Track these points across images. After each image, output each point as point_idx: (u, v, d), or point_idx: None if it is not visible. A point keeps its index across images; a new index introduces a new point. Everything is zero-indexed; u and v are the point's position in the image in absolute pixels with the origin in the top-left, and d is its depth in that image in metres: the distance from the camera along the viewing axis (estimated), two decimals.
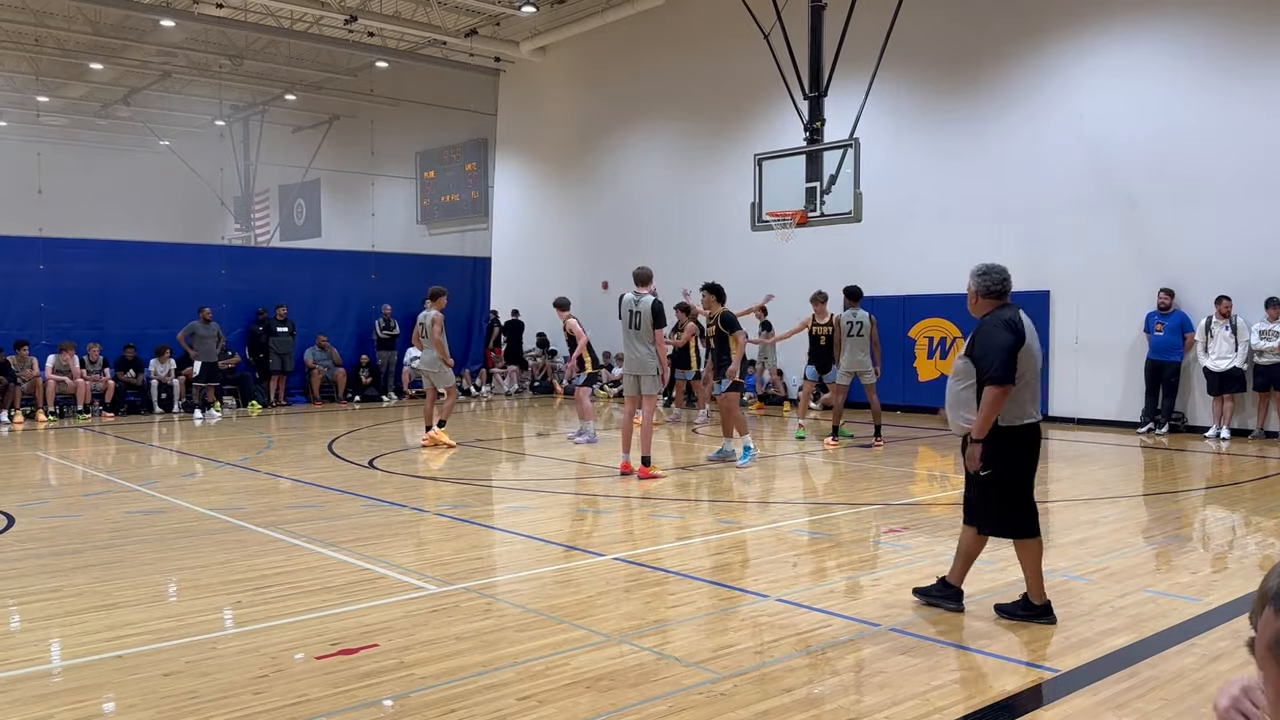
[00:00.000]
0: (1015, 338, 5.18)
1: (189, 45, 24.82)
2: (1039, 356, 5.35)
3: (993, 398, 5.14)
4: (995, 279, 5.40)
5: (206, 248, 22.13)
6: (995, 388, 5.13)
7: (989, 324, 5.31)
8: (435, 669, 4.61)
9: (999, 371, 5.12)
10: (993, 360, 5.15)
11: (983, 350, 5.23)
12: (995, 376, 5.13)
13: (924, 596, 5.62)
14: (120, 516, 8.46)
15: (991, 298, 5.41)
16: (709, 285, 11.50)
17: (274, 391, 19.89)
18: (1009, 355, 5.14)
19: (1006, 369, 5.12)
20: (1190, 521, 8.46)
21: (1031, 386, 5.29)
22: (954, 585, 5.55)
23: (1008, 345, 5.15)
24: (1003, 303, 5.41)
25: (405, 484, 10.24)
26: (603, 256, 22.21)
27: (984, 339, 5.27)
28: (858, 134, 13.12)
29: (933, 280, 16.65)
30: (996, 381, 5.13)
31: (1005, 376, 5.12)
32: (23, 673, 4.64)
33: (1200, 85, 13.75)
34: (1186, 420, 13.98)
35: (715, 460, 11.42)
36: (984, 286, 5.42)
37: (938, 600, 5.55)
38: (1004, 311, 5.35)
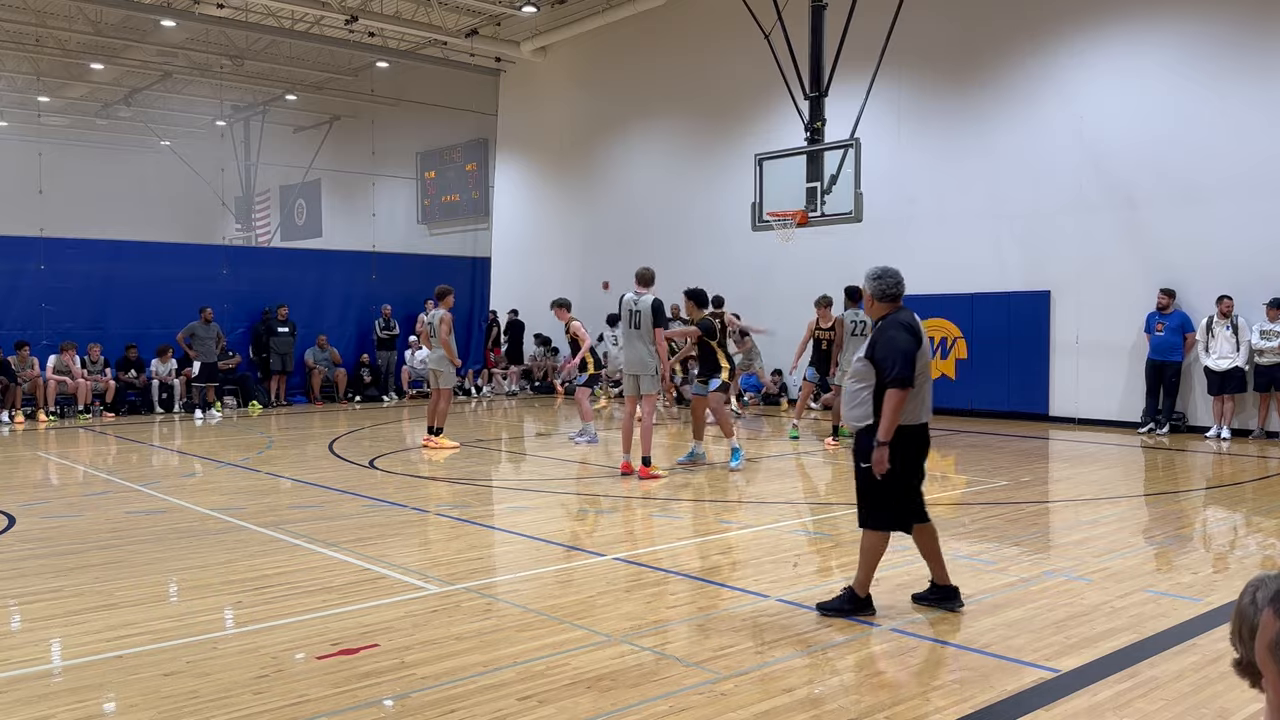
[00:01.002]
0: (914, 340, 5.31)
1: (190, 45, 24.83)
2: (930, 359, 5.52)
3: (897, 400, 5.23)
4: (890, 282, 5.53)
5: (207, 248, 22.15)
6: (898, 390, 5.22)
7: (888, 326, 5.42)
8: (436, 669, 4.62)
9: (902, 373, 5.22)
10: (894, 362, 5.23)
11: (884, 353, 5.32)
12: (898, 379, 5.22)
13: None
14: (121, 516, 8.47)
15: (887, 301, 5.53)
16: (689, 291, 11.50)
17: (275, 391, 19.89)
18: (909, 357, 5.25)
19: (908, 371, 5.23)
20: (1191, 522, 8.46)
21: (926, 388, 5.43)
22: (943, 584, 5.58)
23: (908, 347, 5.27)
24: (897, 306, 5.54)
25: (406, 484, 10.25)
26: (603, 256, 22.22)
27: (884, 342, 5.36)
28: (858, 134, 13.12)
29: (933, 280, 16.63)
30: (899, 383, 5.22)
31: (908, 379, 5.23)
32: (23, 673, 4.64)
33: (1200, 85, 13.75)
34: (1187, 420, 13.97)
35: (685, 463, 11.35)
36: (879, 290, 5.53)
37: (936, 603, 5.57)
38: (901, 314, 5.47)
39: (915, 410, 5.35)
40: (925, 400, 5.45)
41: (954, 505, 8.98)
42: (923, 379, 5.38)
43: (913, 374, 5.25)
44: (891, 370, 5.23)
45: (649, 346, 10.23)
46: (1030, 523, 8.12)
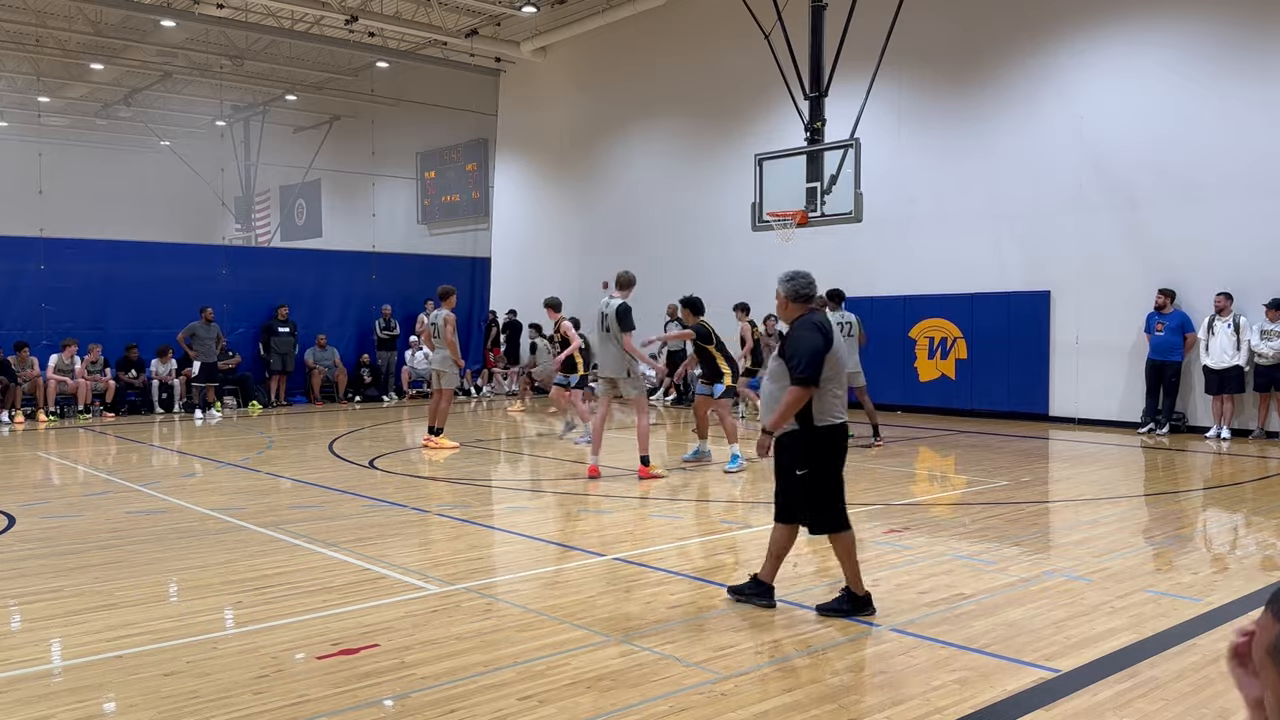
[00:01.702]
0: (824, 340, 5.38)
1: (190, 45, 24.84)
2: (845, 359, 5.63)
3: (795, 397, 5.31)
4: (802, 284, 5.64)
5: (207, 248, 22.14)
6: (799, 389, 5.31)
7: (799, 327, 5.51)
8: (436, 669, 4.62)
9: (807, 373, 5.30)
10: (801, 361, 5.32)
11: (792, 352, 5.40)
12: (802, 378, 5.30)
13: (737, 595, 5.66)
14: (121, 516, 8.47)
15: (800, 302, 5.63)
16: (685, 300, 11.52)
17: (275, 391, 19.90)
18: (817, 358, 5.32)
19: (813, 370, 5.31)
20: (1191, 522, 8.46)
21: (841, 387, 5.52)
22: (766, 583, 5.61)
23: (817, 348, 5.35)
24: (810, 307, 5.65)
25: (406, 484, 10.25)
26: (603, 256, 22.20)
27: (794, 341, 5.45)
28: (858, 134, 13.12)
29: (933, 280, 16.66)
30: (803, 383, 5.30)
31: (811, 378, 5.31)
32: (23, 673, 4.64)
33: (1200, 85, 13.75)
34: (1187, 420, 13.97)
35: (690, 460, 11.44)
36: (792, 291, 5.63)
37: (750, 598, 5.60)
38: (813, 315, 5.58)
39: (831, 409, 5.41)
40: (842, 400, 5.52)
41: (954, 505, 8.98)
42: (836, 379, 5.45)
43: (817, 374, 5.32)
44: (797, 369, 5.31)
45: (621, 350, 10.20)
46: (1030, 523, 8.12)
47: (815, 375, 5.30)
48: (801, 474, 5.41)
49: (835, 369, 5.41)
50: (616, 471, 10.60)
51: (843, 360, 5.53)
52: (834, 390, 5.41)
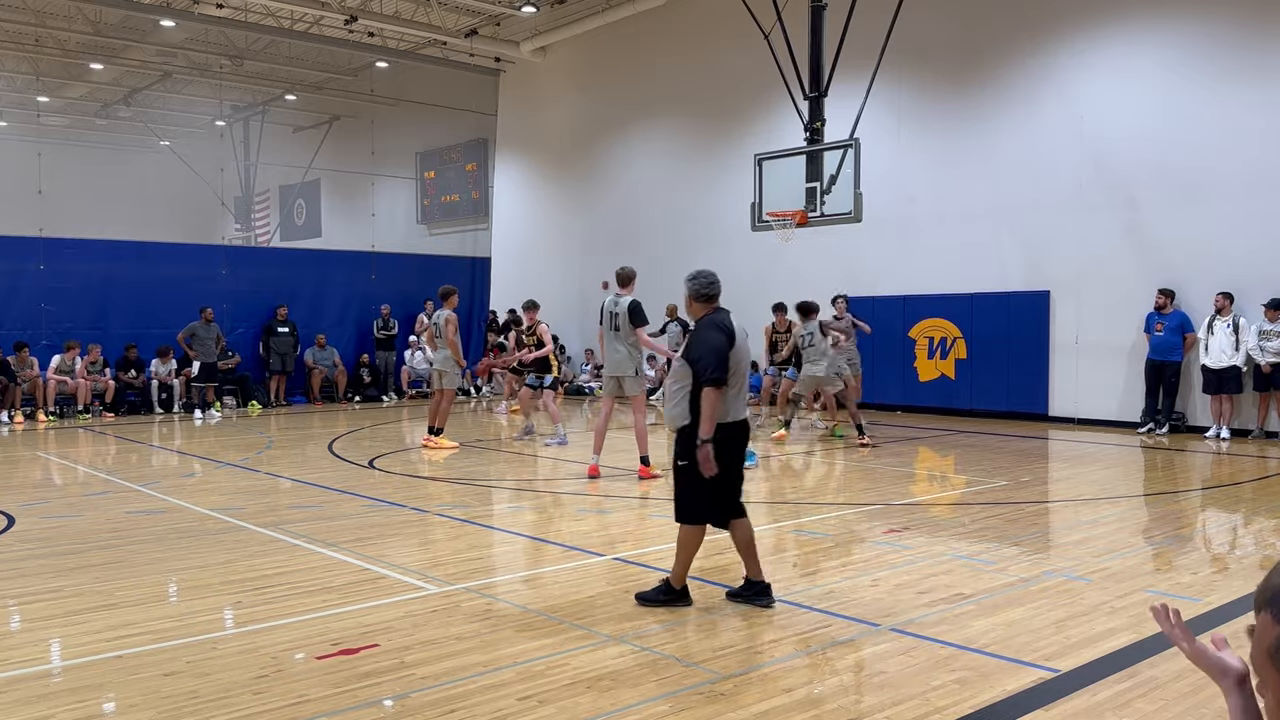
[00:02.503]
0: (727, 339, 5.43)
1: (189, 45, 24.83)
2: (748, 358, 5.66)
3: (714, 398, 5.35)
4: (705, 282, 5.69)
5: (207, 248, 22.14)
6: (712, 389, 5.34)
7: (703, 327, 5.57)
8: (435, 669, 4.62)
9: (716, 373, 5.34)
10: (709, 362, 5.36)
11: (698, 353, 5.44)
12: (713, 378, 5.34)
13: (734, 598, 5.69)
14: (121, 516, 8.47)
15: (703, 301, 5.69)
16: None
17: (274, 391, 19.89)
18: (722, 356, 5.38)
19: (722, 370, 5.36)
20: (1190, 522, 8.46)
21: (740, 386, 5.54)
22: (756, 579, 5.66)
23: (721, 347, 5.40)
24: (714, 306, 5.69)
25: (405, 484, 10.25)
26: (603, 256, 22.20)
27: (699, 342, 5.50)
28: (858, 134, 13.12)
29: (933, 280, 16.66)
30: (714, 383, 5.34)
31: (721, 377, 5.37)
32: (23, 673, 4.64)
33: (1200, 85, 13.75)
34: (1187, 420, 13.98)
35: None
36: (695, 290, 5.69)
37: (749, 599, 5.62)
38: (717, 315, 5.61)
39: (728, 407, 5.45)
40: (741, 398, 5.56)
41: (954, 505, 8.99)
42: (738, 377, 5.49)
43: (725, 372, 5.36)
44: (706, 370, 5.35)
45: (629, 349, 10.22)
46: (1030, 523, 8.12)
47: (723, 374, 5.36)
48: (683, 465, 5.48)
49: (735, 368, 5.46)
50: (616, 472, 10.60)
51: (744, 359, 5.57)
52: (732, 388, 5.46)
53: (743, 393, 5.57)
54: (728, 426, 5.45)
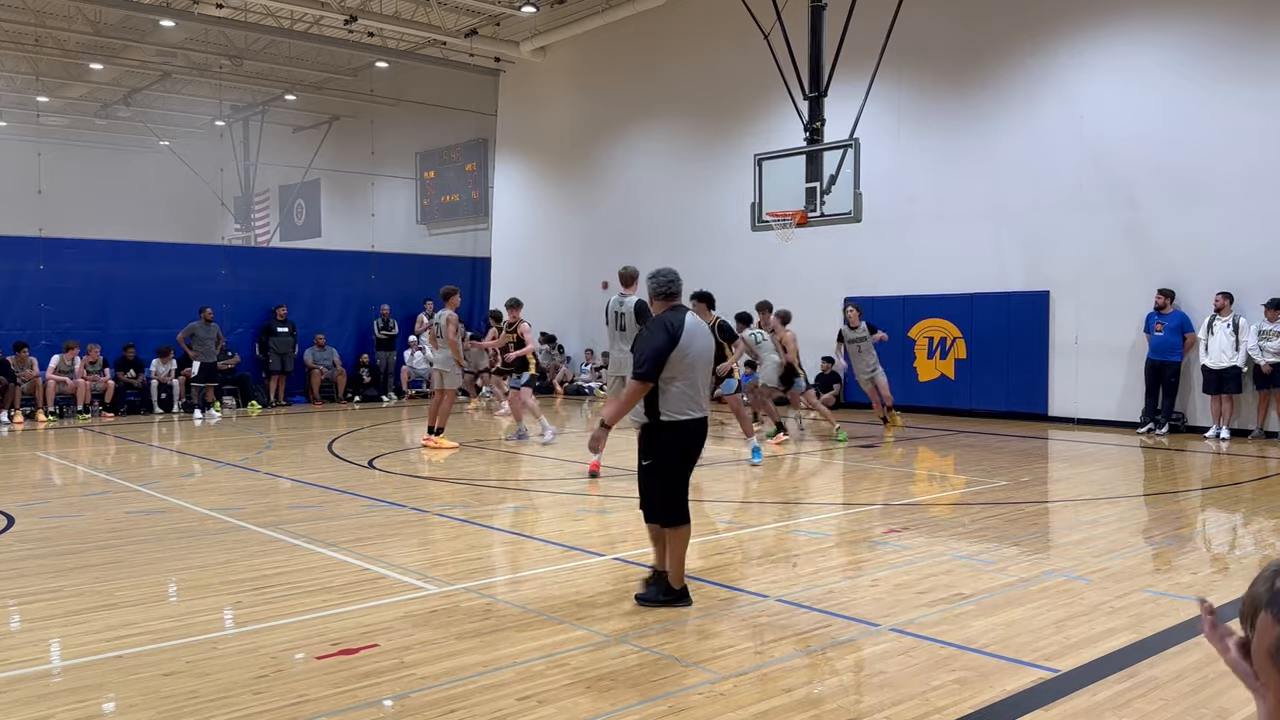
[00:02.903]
0: (669, 339, 5.49)
1: (189, 45, 24.82)
2: (700, 358, 5.63)
3: (632, 390, 5.53)
4: (663, 281, 5.77)
5: (207, 248, 22.13)
6: (636, 383, 5.50)
7: (652, 324, 5.67)
8: (435, 669, 4.62)
9: (645, 369, 5.48)
10: (643, 358, 5.49)
11: (639, 347, 5.59)
12: (640, 373, 5.49)
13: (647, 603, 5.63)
14: (120, 516, 8.47)
15: (662, 299, 5.76)
16: (699, 293, 11.52)
17: (274, 392, 19.89)
18: (658, 355, 5.46)
19: (652, 367, 5.46)
20: (1190, 522, 8.46)
21: (692, 385, 5.57)
22: (664, 569, 5.72)
23: (658, 346, 5.48)
24: (673, 304, 5.74)
25: (405, 484, 10.25)
26: (603, 256, 22.20)
27: (643, 338, 5.64)
28: (858, 134, 13.12)
29: (933, 280, 16.66)
30: (640, 378, 5.49)
31: (649, 374, 5.47)
32: (23, 673, 4.64)
33: (1200, 85, 13.75)
34: (1186, 420, 13.98)
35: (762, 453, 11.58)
36: (655, 289, 5.79)
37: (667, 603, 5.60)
38: (670, 314, 5.66)
39: (682, 405, 5.52)
40: (696, 397, 5.59)
41: (953, 505, 8.99)
42: (688, 376, 5.53)
43: (654, 372, 5.45)
44: (638, 365, 5.50)
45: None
46: (1030, 523, 8.12)
47: (652, 372, 5.45)
48: (646, 464, 5.60)
49: (683, 368, 5.50)
50: (617, 472, 10.59)
51: (696, 359, 5.57)
52: (682, 388, 5.51)
53: (695, 393, 5.58)
54: (681, 424, 5.53)
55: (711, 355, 5.78)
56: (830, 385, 17.69)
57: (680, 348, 5.49)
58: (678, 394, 5.51)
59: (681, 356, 5.49)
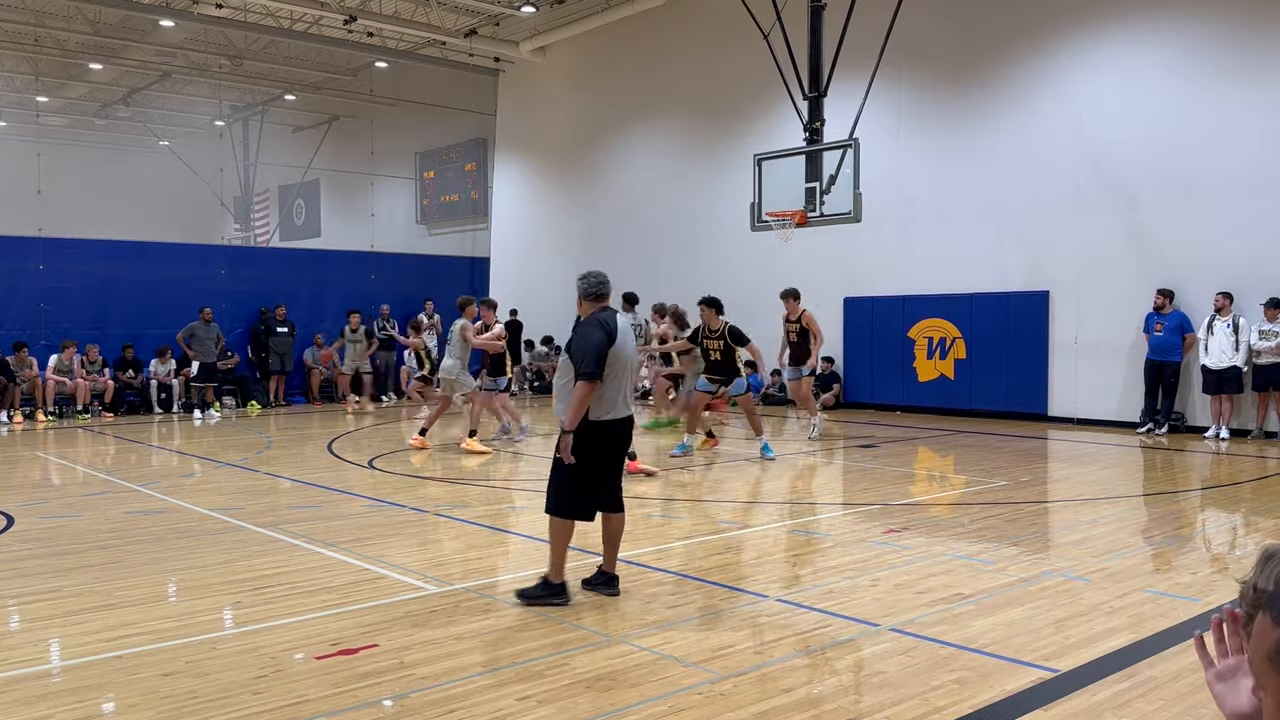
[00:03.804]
0: (607, 337, 5.58)
1: (188, 45, 24.82)
2: (630, 357, 5.79)
3: (582, 392, 5.55)
4: (593, 282, 5.89)
5: (206, 248, 22.13)
6: (584, 383, 5.53)
7: (586, 324, 5.74)
8: (435, 669, 4.62)
9: (589, 368, 5.52)
10: (585, 357, 5.54)
11: (577, 348, 5.63)
12: (585, 373, 5.53)
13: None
14: (120, 516, 8.46)
15: (591, 300, 5.87)
16: (707, 299, 11.73)
17: (274, 392, 19.89)
18: (599, 354, 5.54)
19: (596, 366, 5.53)
20: (1190, 522, 8.46)
21: (620, 385, 5.68)
22: (609, 571, 5.86)
23: (598, 344, 5.56)
24: (602, 305, 5.85)
25: (405, 484, 10.25)
26: (602, 257, 22.13)
27: (579, 338, 5.71)
28: (857, 134, 13.12)
29: (932, 280, 16.65)
30: (586, 378, 5.53)
31: (595, 373, 5.53)
32: (23, 673, 4.64)
33: (1200, 85, 13.75)
34: (1186, 420, 13.98)
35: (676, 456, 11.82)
36: (584, 290, 5.90)
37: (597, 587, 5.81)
38: (601, 314, 5.77)
39: (609, 405, 5.60)
40: (620, 397, 5.67)
41: (953, 505, 8.99)
42: (616, 376, 5.61)
43: (599, 370, 5.52)
44: (580, 364, 5.54)
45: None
46: (1029, 523, 8.13)
47: (599, 370, 5.51)
48: (569, 464, 5.58)
49: (616, 366, 5.60)
50: None
51: (627, 359, 5.70)
52: (612, 387, 5.59)
53: (622, 392, 5.68)
54: (607, 424, 5.61)
55: (636, 356, 5.88)
56: (830, 385, 17.70)
57: (615, 346, 5.58)
58: (608, 393, 5.58)
59: (615, 354, 5.58)
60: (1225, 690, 1.59)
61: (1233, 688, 1.58)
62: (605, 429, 5.64)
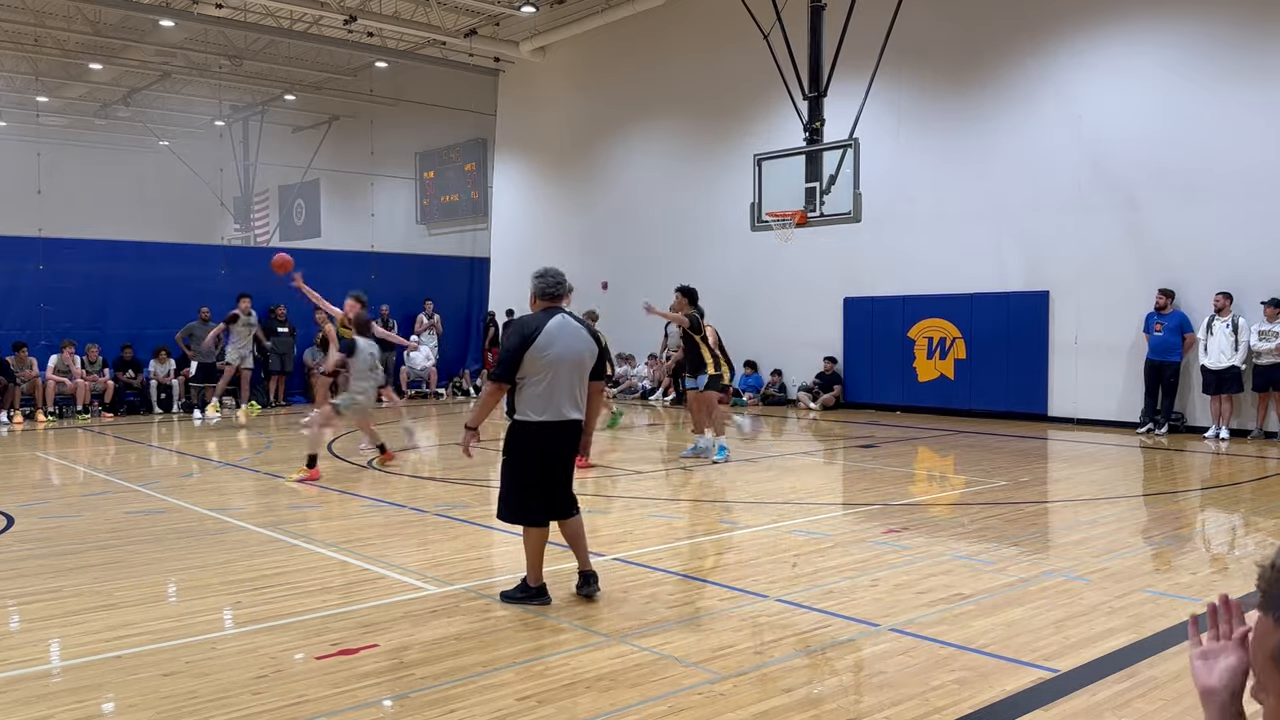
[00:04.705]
0: (521, 342, 5.50)
1: (188, 45, 24.82)
2: (569, 358, 5.56)
3: (486, 392, 5.76)
4: (550, 282, 5.76)
5: (206, 248, 22.13)
6: (491, 384, 5.69)
7: (514, 324, 5.77)
8: (435, 669, 4.62)
9: (498, 370, 5.61)
10: (500, 359, 5.63)
11: (500, 348, 5.70)
12: (494, 374, 5.67)
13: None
14: (120, 517, 8.46)
15: (544, 299, 5.75)
16: (682, 288, 11.67)
17: (274, 392, 19.88)
18: (511, 357, 5.53)
19: (505, 369, 5.56)
20: (1190, 522, 8.46)
21: (556, 387, 5.53)
22: (585, 570, 5.83)
23: (512, 348, 5.55)
24: (551, 305, 5.72)
25: (405, 484, 10.25)
26: (602, 257, 22.21)
27: (504, 338, 5.78)
28: (857, 134, 13.13)
29: (932, 280, 16.65)
30: (493, 379, 5.67)
31: (501, 375, 5.58)
32: (23, 673, 4.64)
33: (1200, 85, 13.75)
34: (1186, 420, 13.98)
35: (688, 457, 11.67)
36: (539, 289, 5.76)
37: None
38: (536, 317, 5.63)
39: (539, 406, 5.52)
40: (554, 399, 5.53)
41: (953, 505, 8.99)
42: (548, 377, 5.50)
43: (509, 372, 5.52)
44: (496, 365, 5.66)
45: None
46: (1029, 523, 8.13)
47: (506, 373, 5.54)
48: (504, 460, 5.68)
49: (545, 367, 5.48)
50: (615, 473, 10.60)
51: (561, 359, 5.52)
52: (544, 388, 5.50)
53: (554, 396, 5.51)
54: (546, 425, 5.53)
55: (583, 358, 5.62)
56: (830, 385, 17.70)
57: (539, 349, 5.47)
58: (531, 395, 5.52)
59: (539, 357, 5.47)
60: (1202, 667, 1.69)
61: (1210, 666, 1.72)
62: (545, 430, 5.53)
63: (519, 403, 5.55)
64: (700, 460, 11.40)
